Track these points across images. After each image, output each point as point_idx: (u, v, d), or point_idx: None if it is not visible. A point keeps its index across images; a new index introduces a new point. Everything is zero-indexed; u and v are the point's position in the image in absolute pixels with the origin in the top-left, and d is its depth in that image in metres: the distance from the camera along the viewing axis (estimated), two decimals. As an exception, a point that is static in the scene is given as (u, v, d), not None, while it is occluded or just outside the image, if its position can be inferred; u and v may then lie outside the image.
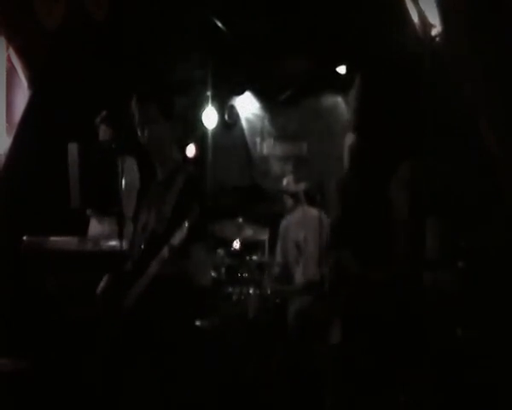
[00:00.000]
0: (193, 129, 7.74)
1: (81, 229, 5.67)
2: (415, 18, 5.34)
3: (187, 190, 3.41)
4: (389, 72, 6.19)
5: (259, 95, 8.58)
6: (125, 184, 4.94)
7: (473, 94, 4.85)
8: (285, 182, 6.80)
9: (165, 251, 3.23)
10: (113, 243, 5.03)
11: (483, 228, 4.83)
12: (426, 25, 5.18)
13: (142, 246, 3.48)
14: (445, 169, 4.69)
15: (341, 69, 7.57)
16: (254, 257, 6.53)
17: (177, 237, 3.19)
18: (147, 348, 3.33)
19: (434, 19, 5.09)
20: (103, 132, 5.57)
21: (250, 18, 6.78)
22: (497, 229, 4.74)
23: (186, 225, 3.16)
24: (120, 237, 3.69)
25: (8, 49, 5.60)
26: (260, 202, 7.47)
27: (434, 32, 5.13)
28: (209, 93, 7.25)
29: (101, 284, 3.58)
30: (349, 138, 6.44)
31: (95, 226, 5.65)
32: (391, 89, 6.07)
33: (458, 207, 4.90)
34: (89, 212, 5.58)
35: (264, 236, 6.65)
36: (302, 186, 6.47)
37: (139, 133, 3.50)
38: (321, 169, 7.81)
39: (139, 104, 3.48)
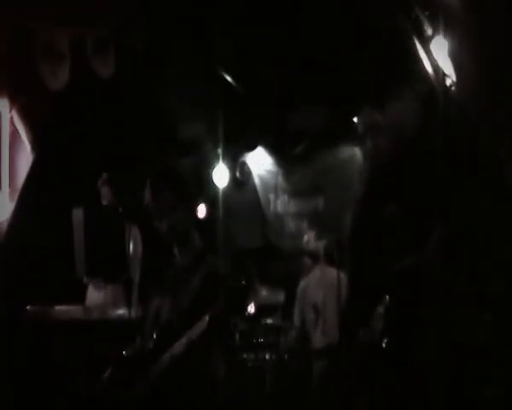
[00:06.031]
0: (203, 188, 7.56)
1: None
2: (428, 68, 5.34)
3: (208, 283, 3.25)
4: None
5: (272, 150, 8.38)
6: (132, 250, 4.82)
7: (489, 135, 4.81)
8: (305, 239, 6.57)
9: (181, 343, 3.11)
10: (120, 311, 4.94)
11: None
12: (439, 75, 5.20)
13: (155, 335, 3.33)
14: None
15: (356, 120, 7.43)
16: (270, 321, 6.33)
17: (196, 331, 3.08)
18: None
19: (449, 69, 5.14)
20: (105, 195, 5.48)
21: (261, 72, 6.70)
22: None
23: (207, 319, 3.05)
24: (129, 304, 3.61)
25: (11, 110, 5.52)
26: (275, 263, 7.26)
27: (449, 81, 5.18)
28: (220, 150, 7.11)
29: (110, 369, 3.40)
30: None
31: (93, 294, 5.49)
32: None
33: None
34: (85, 280, 5.44)
35: (280, 298, 6.42)
36: (322, 244, 6.23)
37: (158, 223, 3.33)
38: (339, 226, 7.57)
39: (154, 196, 3.33)
